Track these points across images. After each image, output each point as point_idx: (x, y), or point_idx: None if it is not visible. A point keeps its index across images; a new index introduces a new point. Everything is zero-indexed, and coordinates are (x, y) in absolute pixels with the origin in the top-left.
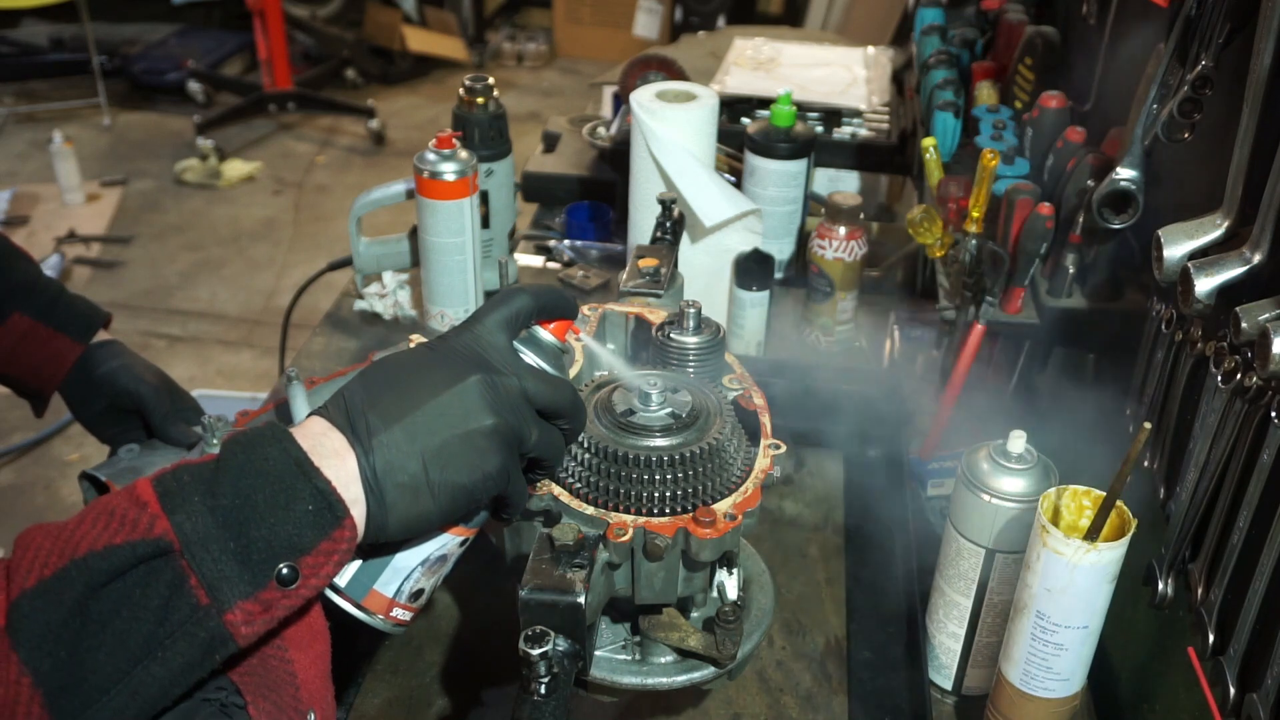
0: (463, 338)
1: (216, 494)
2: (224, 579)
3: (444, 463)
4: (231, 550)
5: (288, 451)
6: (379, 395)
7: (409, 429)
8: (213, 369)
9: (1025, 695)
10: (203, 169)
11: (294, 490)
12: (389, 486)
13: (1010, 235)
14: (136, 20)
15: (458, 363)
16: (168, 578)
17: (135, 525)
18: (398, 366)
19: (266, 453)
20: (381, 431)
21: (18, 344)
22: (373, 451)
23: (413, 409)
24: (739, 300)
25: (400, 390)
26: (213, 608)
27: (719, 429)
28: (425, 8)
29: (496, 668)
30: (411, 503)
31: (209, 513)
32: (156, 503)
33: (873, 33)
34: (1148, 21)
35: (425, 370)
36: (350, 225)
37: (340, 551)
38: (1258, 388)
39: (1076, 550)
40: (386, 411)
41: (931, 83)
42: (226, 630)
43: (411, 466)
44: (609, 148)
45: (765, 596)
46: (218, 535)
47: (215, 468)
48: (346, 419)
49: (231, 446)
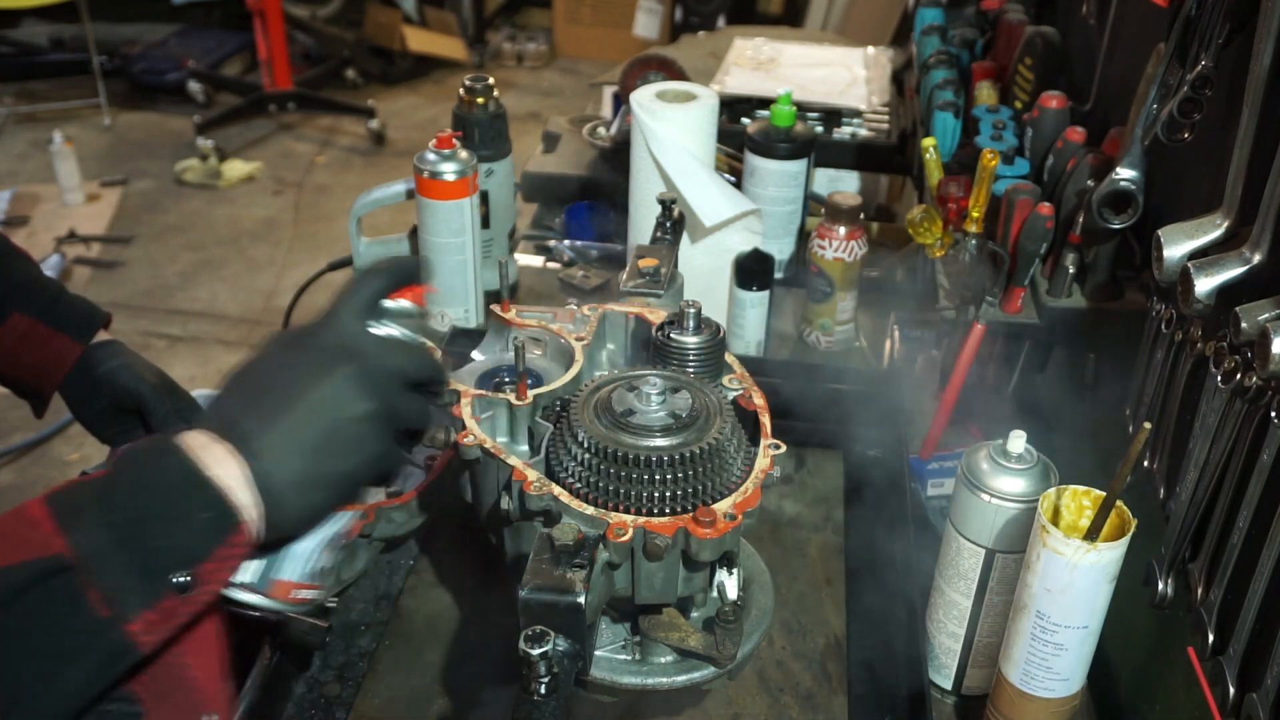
0: (324, 332)
1: (111, 509)
2: (123, 591)
3: (328, 455)
4: (129, 563)
5: (180, 463)
6: (254, 401)
7: (289, 428)
8: (213, 369)
9: (1025, 695)
10: (203, 169)
11: (188, 500)
12: (278, 487)
13: (1010, 235)
14: (136, 20)
15: (325, 357)
16: (67, 593)
17: (30, 545)
18: (266, 370)
19: (159, 464)
20: (263, 435)
21: (18, 344)
22: (257, 455)
23: (289, 409)
24: (739, 300)
25: (274, 393)
26: (114, 619)
27: (719, 429)
28: (425, 8)
29: (496, 668)
30: (302, 498)
31: (105, 528)
32: (50, 521)
33: (873, 33)
34: (1148, 21)
35: (295, 370)
36: (350, 225)
37: (236, 556)
38: (1258, 388)
39: (1076, 550)
40: (264, 415)
41: (931, 83)
42: (129, 640)
43: (297, 464)
44: (609, 148)
45: (765, 596)
46: (114, 549)
47: (108, 483)
48: (226, 428)
49: (124, 461)
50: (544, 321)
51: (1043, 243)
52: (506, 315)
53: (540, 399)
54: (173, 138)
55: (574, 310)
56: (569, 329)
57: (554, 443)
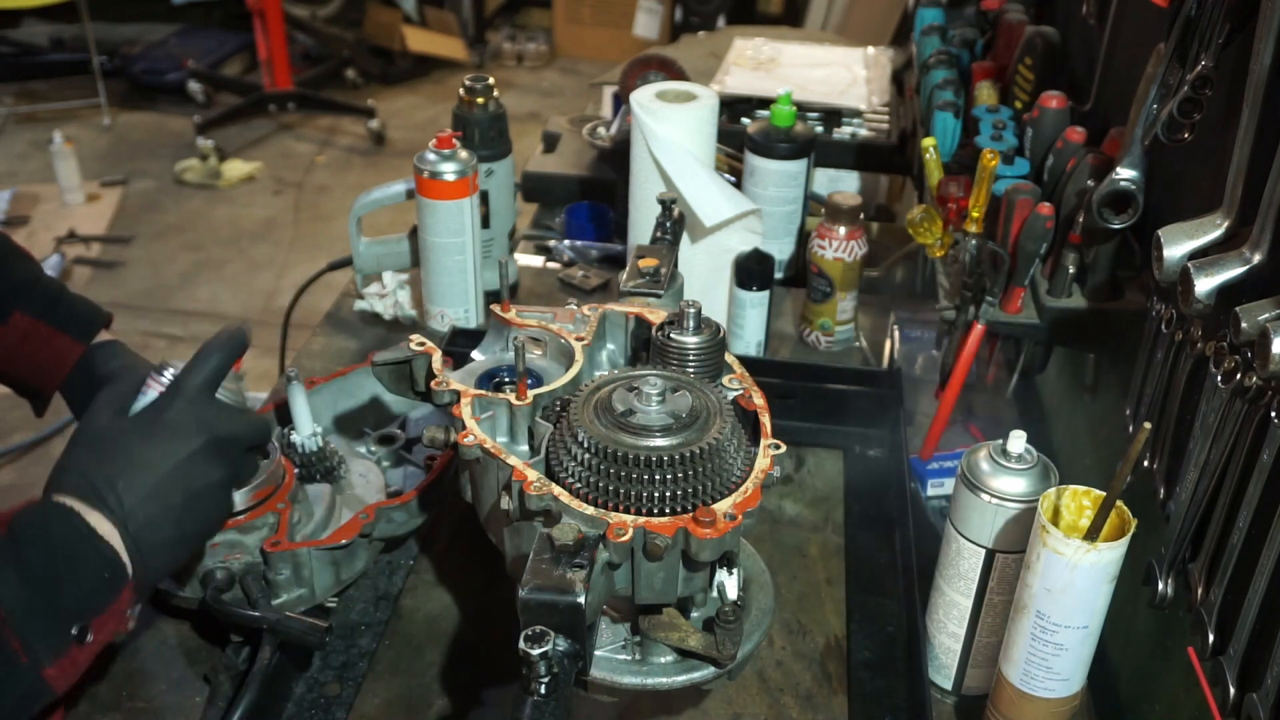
0: (179, 407)
1: (25, 565)
2: (38, 640)
3: (189, 517)
4: (42, 614)
5: (77, 527)
6: (120, 470)
7: (155, 495)
8: None
9: (1025, 695)
10: (203, 169)
11: (88, 560)
12: (148, 548)
13: (1010, 235)
14: (136, 20)
15: (183, 430)
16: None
17: None
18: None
19: (60, 528)
20: (133, 502)
21: (18, 343)
22: (129, 519)
23: (154, 478)
24: (739, 300)
25: (137, 462)
26: (32, 665)
27: (719, 429)
28: (425, 8)
29: (496, 668)
30: (168, 555)
31: (21, 584)
32: None
33: (873, 33)
34: (1148, 21)
35: (154, 440)
36: (350, 225)
37: (122, 610)
38: (1257, 388)
39: (1076, 550)
40: (132, 484)
41: (931, 83)
42: (45, 684)
43: (166, 528)
44: (609, 148)
45: (765, 596)
46: (29, 603)
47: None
48: (98, 495)
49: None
50: (544, 321)
51: (1043, 243)
52: (506, 315)
53: (540, 399)
54: (173, 138)
55: (574, 310)
56: (569, 329)
57: (554, 443)
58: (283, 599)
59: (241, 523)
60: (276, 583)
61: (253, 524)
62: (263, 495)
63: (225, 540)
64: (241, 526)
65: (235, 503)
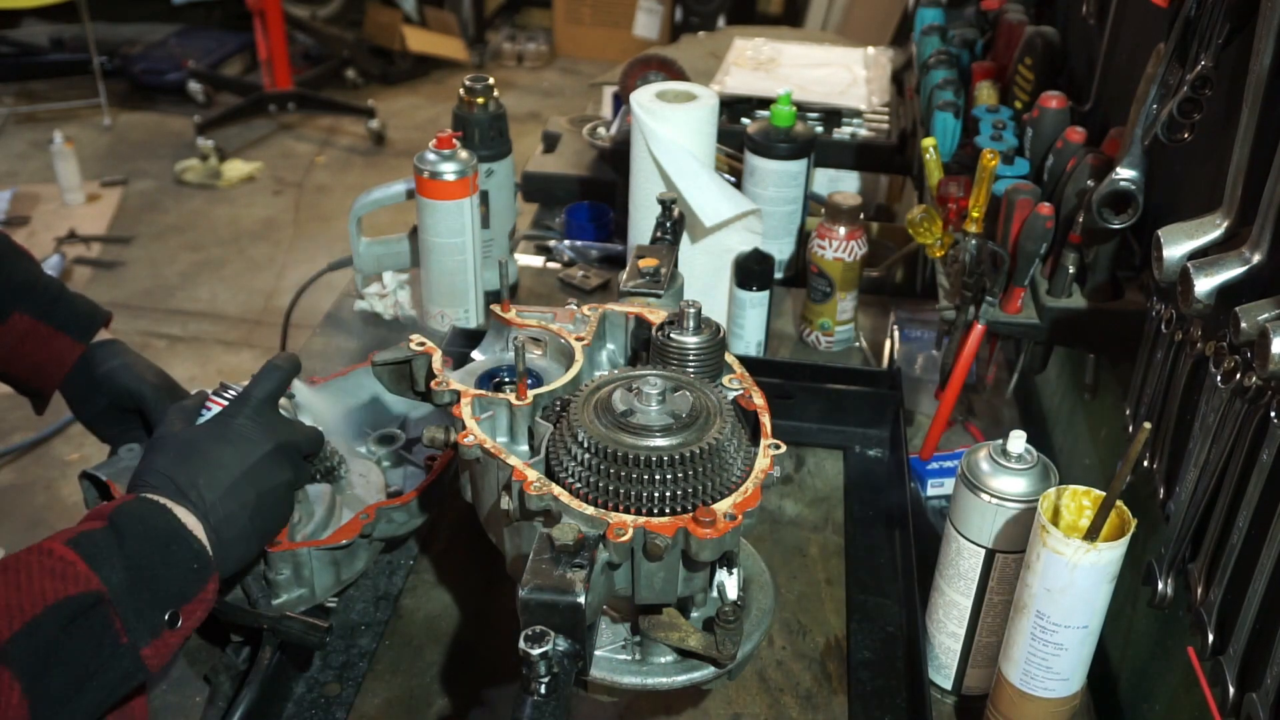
0: (247, 414)
1: (127, 554)
2: (139, 621)
3: (259, 515)
4: (142, 599)
5: (170, 521)
6: (199, 470)
7: (233, 494)
8: (213, 369)
9: (1025, 695)
10: (203, 169)
11: (180, 551)
12: (227, 541)
13: (1010, 235)
14: (137, 20)
15: (253, 436)
16: (102, 621)
17: (71, 580)
18: (204, 444)
19: (155, 521)
20: (214, 499)
21: (19, 343)
22: (210, 514)
23: (230, 478)
24: (739, 300)
25: (215, 464)
26: (132, 645)
27: (719, 429)
28: (425, 8)
29: (496, 668)
30: (244, 549)
31: (125, 570)
32: (82, 562)
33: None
34: (1148, 21)
35: (230, 445)
36: (350, 225)
37: (208, 599)
38: (1257, 388)
39: (1076, 550)
40: (211, 482)
41: (931, 83)
42: (141, 663)
43: (241, 523)
44: (609, 148)
45: (765, 596)
46: (131, 587)
47: (118, 532)
48: (181, 494)
49: (125, 514)
50: (544, 321)
51: (1043, 243)
52: (506, 315)
53: (540, 399)
54: (173, 138)
55: (574, 310)
56: (569, 329)
57: (554, 443)
58: (283, 599)
59: None
60: (277, 583)
61: None
62: None
63: None
64: None
65: None
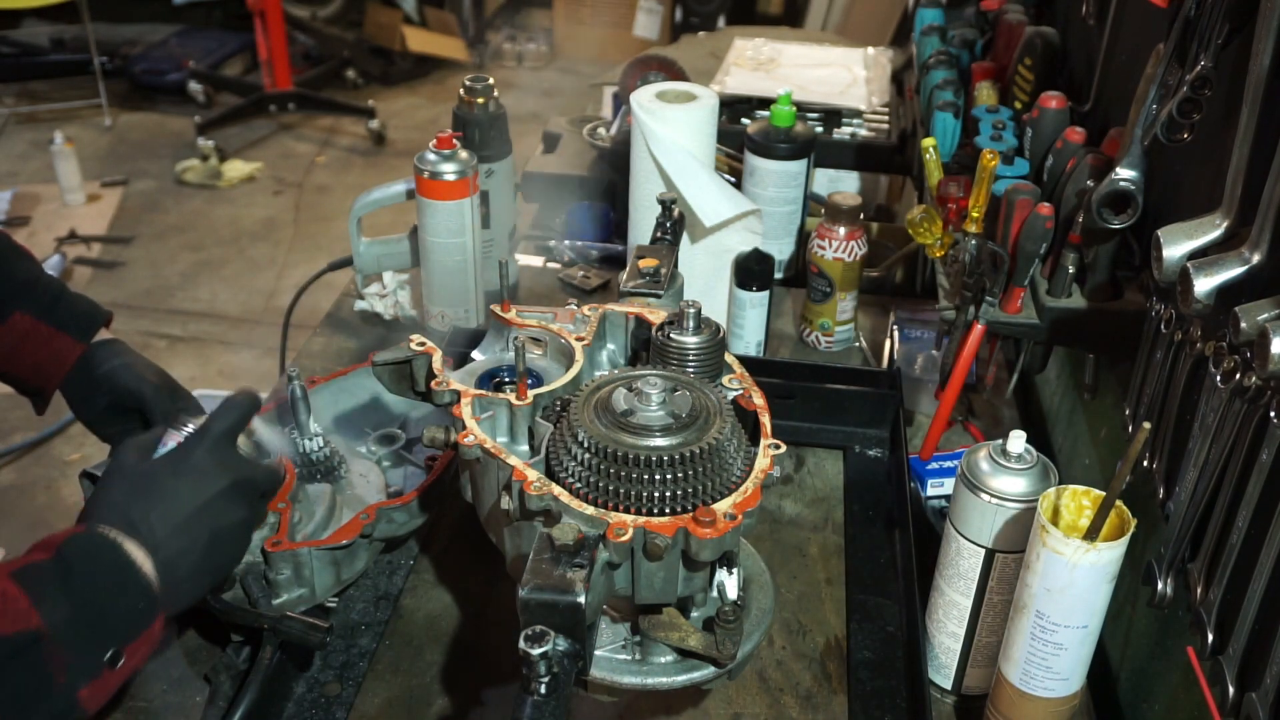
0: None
1: (71, 591)
2: (77, 661)
3: (214, 551)
4: (83, 638)
5: (119, 558)
6: (151, 505)
7: (185, 530)
8: (213, 369)
9: (1025, 695)
10: (203, 169)
11: (128, 589)
12: (175, 579)
13: (1010, 235)
14: (137, 20)
15: (209, 472)
16: (38, 661)
17: (15, 618)
18: (159, 478)
19: (104, 556)
20: (164, 534)
21: (19, 343)
22: (160, 550)
23: (184, 514)
24: (739, 300)
25: (169, 499)
26: (69, 685)
27: (719, 429)
28: (425, 8)
29: (496, 668)
30: (193, 587)
31: (68, 607)
32: (24, 598)
33: (873, 33)
34: (1147, 21)
35: (186, 480)
36: (350, 225)
37: (154, 639)
38: (1257, 388)
39: (1076, 550)
40: (164, 517)
41: (931, 83)
42: (78, 703)
43: (192, 561)
44: (609, 148)
45: (765, 596)
46: (73, 625)
47: (64, 567)
48: (132, 528)
49: (73, 549)
50: (544, 321)
51: (1043, 243)
52: (506, 315)
53: (540, 399)
54: (173, 138)
55: (574, 310)
56: (569, 329)
57: (554, 443)
58: (283, 599)
59: None
60: (277, 582)
61: None
62: None
63: None
64: None
65: None
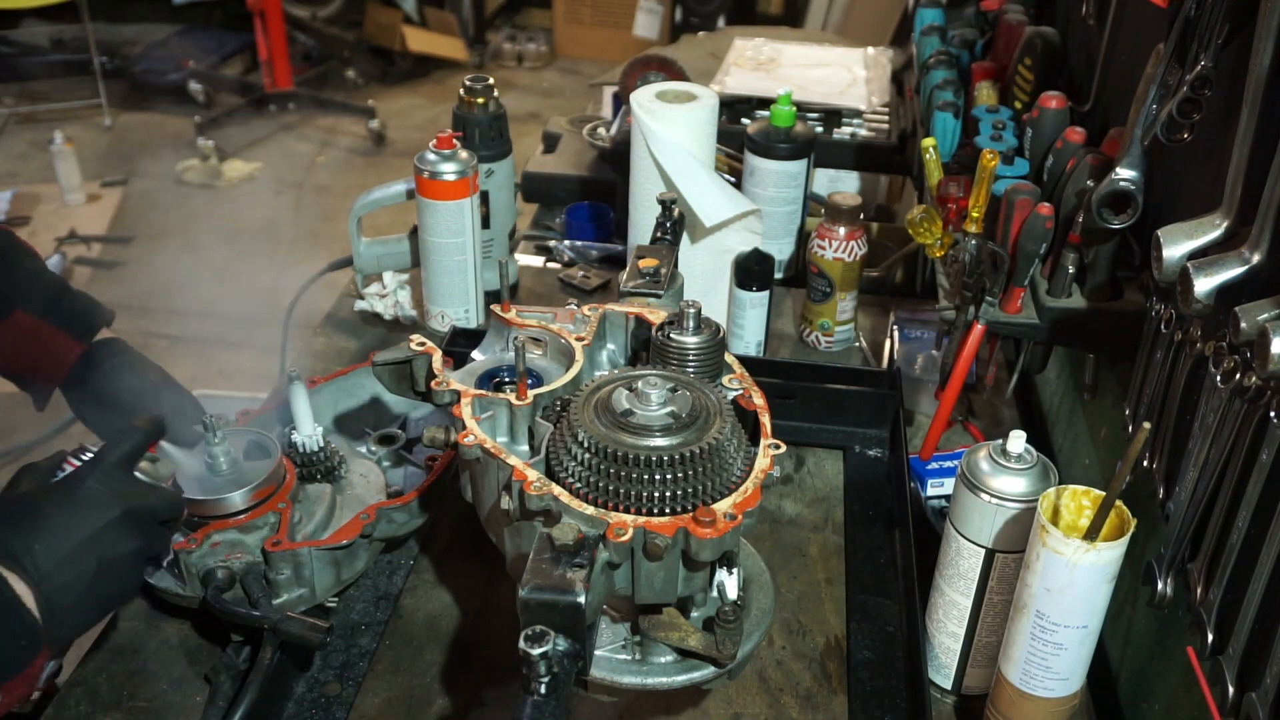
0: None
1: None
2: None
3: (103, 583)
4: None
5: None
6: (37, 535)
7: (72, 562)
8: (213, 369)
9: (1025, 695)
10: (203, 169)
11: (9, 624)
12: (59, 611)
13: (1010, 235)
14: (137, 20)
15: (100, 501)
16: None
17: None
18: (46, 507)
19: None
20: (49, 566)
21: (20, 341)
22: (44, 582)
23: (70, 544)
24: (739, 300)
25: (55, 529)
26: None
27: (719, 429)
28: (425, 8)
29: (496, 668)
30: (78, 619)
31: None
32: None
33: (873, 33)
34: (1147, 21)
35: (74, 509)
36: (350, 225)
37: (36, 675)
38: (1257, 388)
39: (1076, 550)
40: (48, 548)
41: (931, 83)
42: None
43: (77, 590)
44: (609, 148)
45: (765, 596)
46: None
47: None
48: (14, 559)
49: None
50: (544, 321)
51: (1043, 243)
52: (506, 315)
53: (540, 399)
54: (173, 138)
55: (574, 310)
56: (569, 329)
57: (554, 443)
58: (283, 599)
59: (242, 522)
60: (277, 582)
61: (254, 523)
62: (264, 495)
63: (226, 539)
64: (242, 526)
65: (236, 503)
